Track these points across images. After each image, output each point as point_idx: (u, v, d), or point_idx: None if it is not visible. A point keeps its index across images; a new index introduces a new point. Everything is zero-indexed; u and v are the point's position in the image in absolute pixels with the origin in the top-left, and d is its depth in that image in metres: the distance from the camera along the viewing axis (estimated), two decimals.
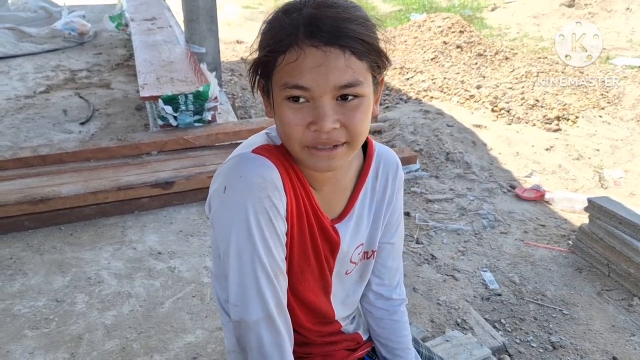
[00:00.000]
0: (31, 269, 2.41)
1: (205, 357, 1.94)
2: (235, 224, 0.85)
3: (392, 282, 1.15)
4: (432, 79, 5.65)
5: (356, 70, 0.79)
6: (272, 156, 0.89)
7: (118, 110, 4.54)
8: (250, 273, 0.87)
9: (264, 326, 0.89)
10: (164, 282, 2.34)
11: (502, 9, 9.43)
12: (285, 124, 0.82)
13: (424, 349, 1.27)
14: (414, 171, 3.74)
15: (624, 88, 5.26)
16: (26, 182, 2.87)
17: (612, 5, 8.43)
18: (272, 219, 0.86)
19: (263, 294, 0.88)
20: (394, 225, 1.10)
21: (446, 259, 2.77)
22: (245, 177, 0.85)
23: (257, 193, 0.84)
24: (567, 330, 2.28)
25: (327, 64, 0.77)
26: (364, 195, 1.03)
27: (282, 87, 0.80)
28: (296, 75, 0.78)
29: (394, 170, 1.06)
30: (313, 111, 0.80)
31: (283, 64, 0.79)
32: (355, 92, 0.80)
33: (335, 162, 0.85)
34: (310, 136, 0.82)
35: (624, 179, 3.75)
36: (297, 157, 0.87)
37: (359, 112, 0.82)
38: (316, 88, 0.78)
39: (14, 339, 1.99)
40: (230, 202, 0.86)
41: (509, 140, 4.30)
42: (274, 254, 0.88)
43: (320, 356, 1.11)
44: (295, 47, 0.78)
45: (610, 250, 2.59)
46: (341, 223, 1.01)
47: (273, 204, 0.86)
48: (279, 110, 0.83)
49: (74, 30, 6.58)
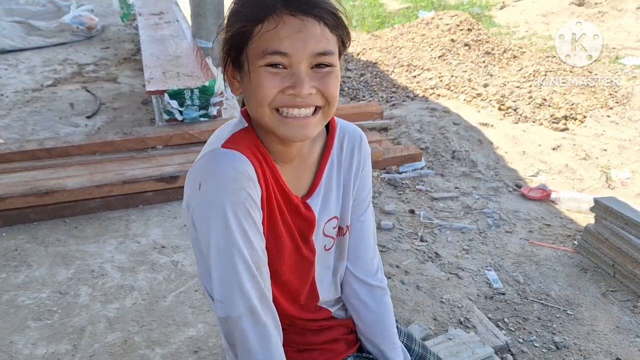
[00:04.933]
0: (35, 260, 2.42)
1: (206, 350, 1.94)
2: (213, 219, 0.86)
3: (371, 268, 1.14)
4: (439, 76, 5.62)
5: (329, 41, 0.84)
6: (242, 146, 0.90)
7: (124, 104, 4.56)
8: (231, 268, 0.87)
9: (248, 320, 0.89)
10: (167, 276, 2.35)
11: (511, 7, 9.36)
12: (261, 86, 0.84)
13: (417, 347, 1.25)
14: (420, 169, 3.73)
15: (632, 88, 5.21)
16: (32, 175, 2.89)
17: (623, 4, 8.34)
18: (250, 210, 0.87)
19: (245, 289, 0.88)
20: (364, 200, 1.11)
21: (450, 257, 2.76)
22: (219, 173, 0.86)
23: (232, 186, 0.85)
24: (570, 330, 2.26)
25: (305, 31, 0.81)
26: (330, 168, 1.05)
27: (260, 55, 0.83)
28: (276, 42, 0.81)
29: (358, 142, 1.07)
30: (291, 77, 0.83)
31: (262, 32, 0.82)
32: (329, 60, 0.85)
33: (309, 130, 0.88)
34: (286, 99, 0.85)
35: (631, 180, 3.71)
36: (268, 125, 0.87)
37: (333, 78, 0.86)
38: (295, 54, 0.82)
39: (18, 329, 2.01)
40: (207, 199, 0.86)
41: (515, 139, 4.27)
42: (255, 246, 0.89)
43: (318, 351, 1.11)
44: (274, 15, 0.81)
45: (615, 251, 2.57)
46: (311, 198, 1.02)
47: (249, 195, 0.87)
48: (255, 77, 0.84)
49: (82, 24, 6.61)
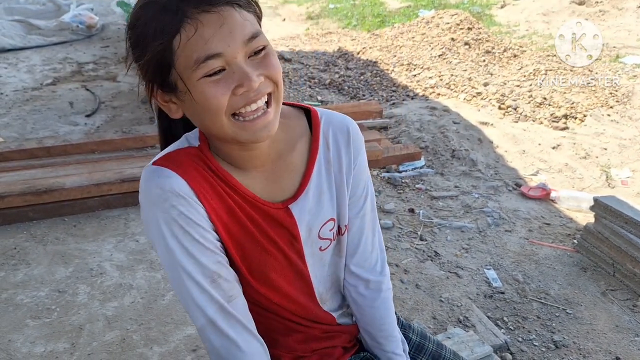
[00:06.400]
0: (34, 259, 2.42)
1: (204, 349, 1.94)
2: (154, 239, 0.86)
3: (369, 261, 1.09)
4: (439, 75, 5.61)
5: (251, 22, 0.79)
6: (179, 161, 0.86)
7: (124, 103, 4.55)
8: (181, 284, 0.87)
9: (210, 331, 0.89)
10: (166, 275, 2.34)
11: (512, 6, 9.34)
12: (210, 99, 0.77)
13: (415, 335, 1.22)
14: (419, 168, 3.72)
15: (633, 87, 5.20)
16: (31, 173, 2.89)
17: (623, 3, 8.32)
18: (185, 226, 0.84)
19: (198, 303, 0.87)
20: (359, 196, 1.04)
21: (450, 256, 2.75)
22: (146, 192, 0.85)
23: (160, 205, 0.83)
24: (570, 329, 2.26)
25: (226, 22, 0.75)
26: (318, 169, 0.98)
27: (193, 68, 0.76)
28: (203, 46, 0.75)
29: (346, 136, 1.00)
30: (234, 76, 0.77)
31: (183, 42, 0.75)
32: (261, 43, 0.79)
33: (271, 125, 0.83)
34: (239, 100, 0.79)
35: (631, 179, 3.71)
36: (229, 134, 0.82)
37: (273, 58, 0.81)
38: (228, 49, 0.76)
39: (16, 328, 2.00)
40: (145, 217, 0.86)
41: (515, 138, 4.26)
42: (201, 262, 0.86)
43: (317, 355, 1.09)
44: (188, 20, 0.75)
45: (615, 250, 2.57)
46: (295, 203, 0.96)
47: (180, 212, 0.84)
48: (198, 92, 0.78)
49: (81, 23, 6.62)
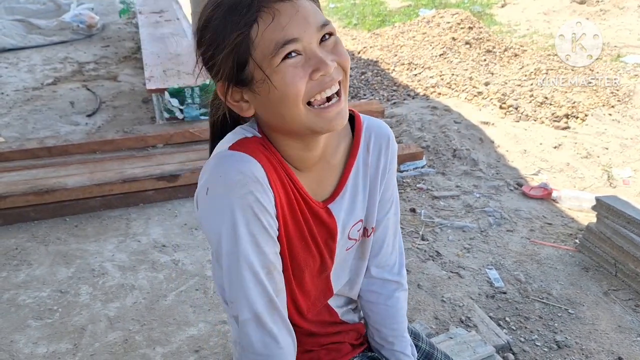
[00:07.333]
0: (36, 259, 2.42)
1: (207, 350, 1.94)
2: (221, 224, 0.85)
3: (389, 262, 1.13)
4: (440, 75, 5.60)
5: (320, 10, 0.84)
6: (252, 148, 0.88)
7: (125, 102, 4.55)
8: (237, 273, 0.86)
9: (252, 326, 0.88)
10: (168, 275, 2.34)
11: (512, 5, 9.33)
12: (290, 83, 0.80)
13: (424, 344, 1.25)
14: (421, 167, 3.72)
15: (634, 86, 5.19)
16: (32, 173, 2.89)
17: (625, 3, 8.31)
18: (258, 214, 0.85)
19: (250, 295, 0.87)
20: (388, 200, 1.08)
21: (451, 256, 2.75)
22: (225, 176, 0.84)
23: (238, 190, 0.83)
24: (572, 329, 2.26)
25: (301, 10, 0.79)
26: (356, 171, 1.01)
27: (273, 54, 0.79)
28: (281, 33, 0.78)
29: (385, 142, 1.03)
30: (310, 61, 0.81)
31: (261, 31, 0.78)
32: (331, 29, 0.83)
33: (344, 112, 0.86)
34: (315, 86, 0.82)
35: (633, 179, 3.70)
36: (304, 124, 0.84)
37: (342, 46, 0.85)
38: (304, 35, 0.79)
39: (18, 329, 2.00)
40: (214, 204, 0.85)
41: (516, 137, 4.26)
42: (265, 250, 0.87)
43: (325, 350, 1.10)
44: (265, 9, 0.78)
45: (617, 249, 2.57)
46: (334, 203, 0.99)
47: (257, 199, 0.84)
48: (279, 78, 0.80)
49: (82, 22, 6.61)
